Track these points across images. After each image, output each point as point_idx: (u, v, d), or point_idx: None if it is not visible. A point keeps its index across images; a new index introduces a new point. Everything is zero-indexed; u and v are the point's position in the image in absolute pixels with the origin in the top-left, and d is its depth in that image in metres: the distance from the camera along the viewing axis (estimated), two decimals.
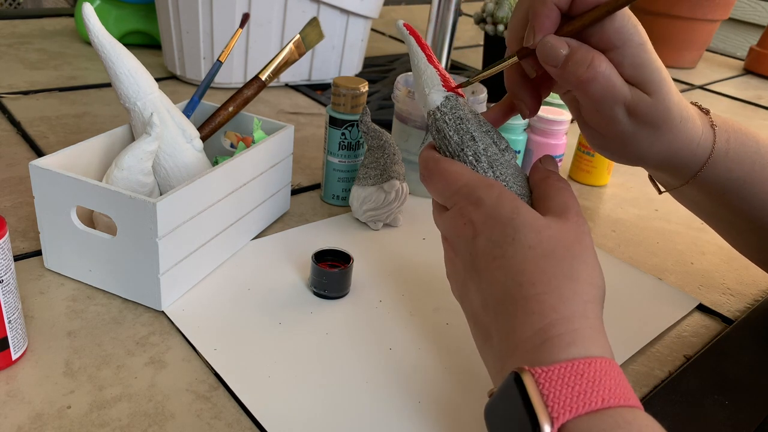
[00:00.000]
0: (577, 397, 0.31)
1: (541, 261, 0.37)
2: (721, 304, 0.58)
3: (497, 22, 0.95)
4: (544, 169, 0.42)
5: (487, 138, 0.42)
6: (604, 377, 0.32)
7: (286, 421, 0.40)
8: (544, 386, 0.31)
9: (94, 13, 0.48)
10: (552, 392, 0.31)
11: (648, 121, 0.41)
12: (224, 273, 0.54)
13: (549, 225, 0.38)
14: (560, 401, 0.30)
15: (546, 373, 0.32)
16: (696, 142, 0.44)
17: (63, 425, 0.38)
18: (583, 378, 0.31)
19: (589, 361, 0.32)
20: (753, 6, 2.16)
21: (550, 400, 0.31)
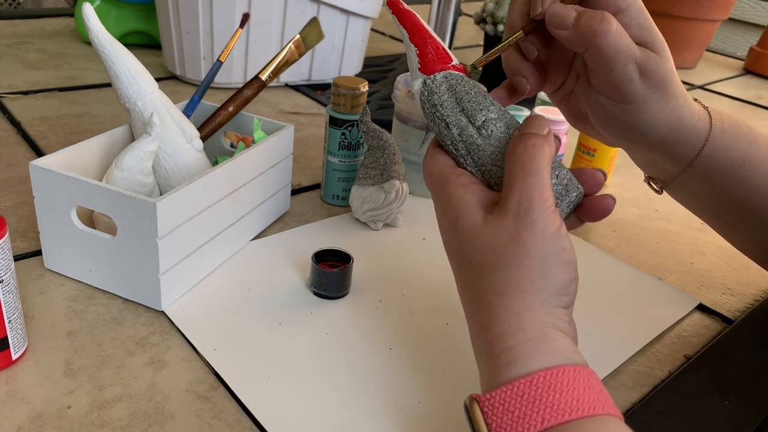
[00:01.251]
0: (516, 422, 0.31)
1: (476, 276, 0.37)
2: (721, 304, 0.58)
3: (497, 22, 0.95)
4: (515, 138, 0.39)
5: (462, 119, 0.40)
6: (545, 394, 0.31)
7: (286, 421, 0.40)
8: (488, 415, 0.32)
9: (94, 13, 0.48)
10: (495, 421, 0.31)
11: (657, 81, 0.42)
12: (224, 273, 0.54)
13: (482, 231, 0.37)
14: (503, 429, 0.31)
15: (489, 401, 0.32)
16: (696, 116, 0.45)
17: (63, 425, 0.38)
18: (521, 400, 0.31)
19: (529, 380, 0.32)
20: (753, 6, 2.16)
21: (493, 429, 0.31)
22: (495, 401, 0.32)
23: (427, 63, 0.42)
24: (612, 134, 0.46)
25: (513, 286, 0.35)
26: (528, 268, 0.35)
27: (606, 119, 0.44)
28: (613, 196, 0.40)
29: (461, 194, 0.38)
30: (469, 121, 0.40)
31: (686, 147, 0.45)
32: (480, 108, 0.40)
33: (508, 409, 0.31)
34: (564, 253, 0.36)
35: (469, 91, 0.41)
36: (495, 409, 0.32)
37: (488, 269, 0.36)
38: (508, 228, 0.36)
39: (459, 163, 0.41)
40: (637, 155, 0.49)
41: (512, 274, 0.35)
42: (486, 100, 0.41)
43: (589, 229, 0.68)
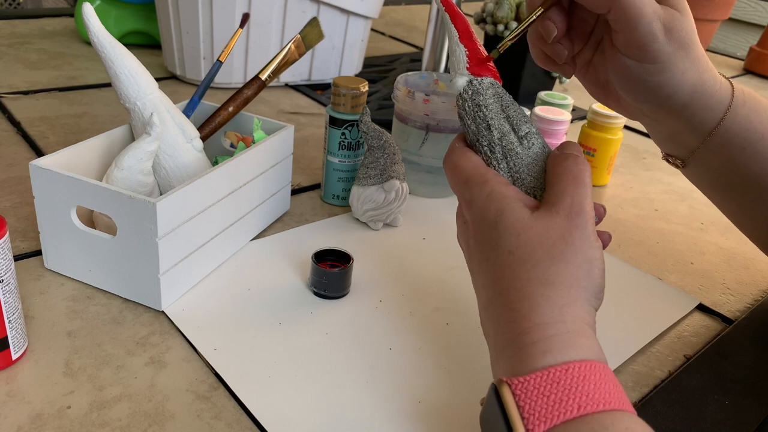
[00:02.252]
0: (552, 406, 0.31)
1: (518, 267, 0.37)
2: (721, 304, 0.58)
3: (497, 22, 0.95)
4: (558, 154, 0.41)
5: (505, 125, 0.42)
6: (581, 383, 0.32)
7: (286, 420, 0.40)
8: (520, 398, 0.32)
9: (94, 13, 0.48)
10: (528, 403, 0.31)
11: (681, 40, 0.42)
12: (224, 273, 0.54)
13: (531, 225, 0.37)
14: (536, 412, 0.31)
15: (522, 384, 0.32)
16: (719, 83, 0.45)
17: (63, 425, 0.38)
18: (558, 386, 0.32)
19: (566, 368, 0.32)
20: (753, 6, 2.16)
21: (526, 411, 0.31)
22: (529, 385, 0.32)
23: (476, 65, 0.43)
24: (636, 98, 0.46)
25: (560, 280, 0.36)
26: (576, 266, 0.36)
27: (630, 82, 0.44)
28: (609, 234, 0.41)
29: (505, 191, 0.39)
30: (512, 129, 0.42)
31: (709, 113, 0.46)
32: (525, 120, 0.42)
33: (543, 393, 0.31)
34: (601, 261, 0.38)
35: (513, 102, 0.43)
36: (529, 392, 0.32)
37: (534, 261, 0.37)
38: (559, 226, 0.37)
39: (489, 164, 0.42)
40: (658, 126, 0.49)
41: (560, 269, 0.36)
42: (526, 116, 0.43)
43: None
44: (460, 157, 0.42)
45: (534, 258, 0.37)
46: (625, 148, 0.91)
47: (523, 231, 0.37)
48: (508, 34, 0.45)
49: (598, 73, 0.48)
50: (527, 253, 0.37)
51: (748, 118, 0.46)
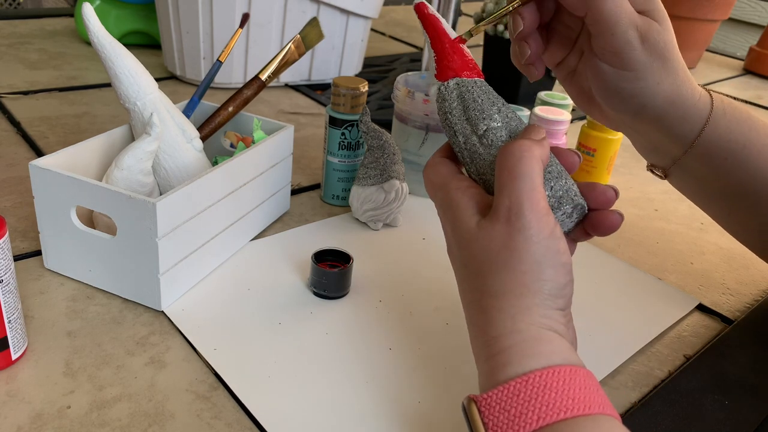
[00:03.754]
0: (512, 421, 0.31)
1: (472, 280, 0.37)
2: (721, 303, 0.58)
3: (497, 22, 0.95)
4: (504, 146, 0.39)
5: (467, 127, 0.41)
6: (541, 393, 0.32)
7: (286, 420, 0.40)
8: (485, 414, 0.32)
9: (94, 13, 0.48)
10: (491, 420, 0.32)
11: (658, 51, 0.42)
12: (224, 273, 0.54)
13: (476, 237, 0.37)
14: (499, 428, 0.31)
15: (486, 400, 0.32)
16: (698, 95, 0.46)
17: (63, 425, 0.38)
18: (518, 399, 0.32)
19: (525, 379, 0.32)
20: (753, 6, 2.16)
21: (489, 429, 0.32)
22: (491, 400, 0.32)
23: (442, 69, 0.43)
24: (613, 106, 0.46)
25: (507, 289, 0.35)
26: (521, 272, 0.35)
27: (607, 89, 0.44)
28: (621, 213, 0.41)
29: (459, 198, 0.39)
30: (473, 130, 0.41)
31: (687, 125, 0.46)
32: (483, 117, 0.41)
33: (504, 408, 0.32)
34: (558, 256, 0.36)
35: (477, 99, 0.41)
36: (492, 408, 0.32)
37: (483, 273, 0.36)
38: (500, 234, 0.36)
39: (467, 170, 0.41)
40: (639, 137, 0.49)
41: (505, 278, 0.36)
42: (492, 108, 0.41)
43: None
44: (431, 170, 0.42)
45: (482, 270, 0.36)
46: (625, 148, 0.91)
47: (470, 244, 0.37)
48: (483, 21, 0.45)
49: (581, 82, 0.48)
50: (476, 266, 0.37)
51: (728, 128, 0.46)
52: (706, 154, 0.47)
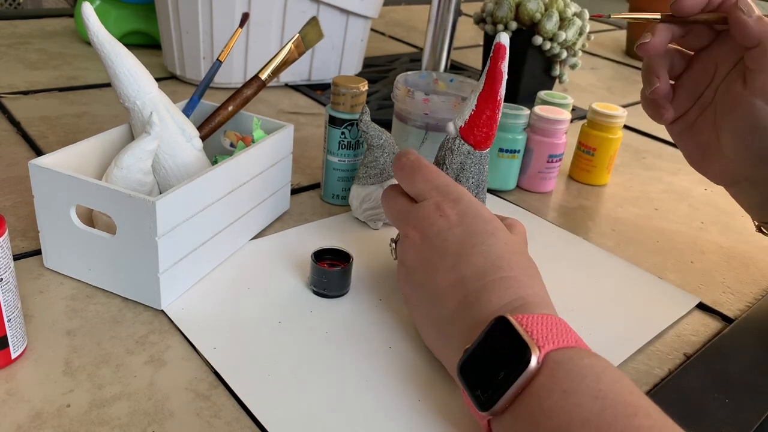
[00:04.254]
0: (556, 335, 0.35)
1: (514, 256, 0.43)
2: (721, 302, 0.58)
3: (497, 22, 0.95)
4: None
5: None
6: (571, 330, 0.37)
7: (286, 419, 0.40)
8: (527, 326, 0.35)
9: (94, 13, 0.48)
10: (535, 329, 0.35)
11: None
12: (224, 272, 0.54)
13: (517, 236, 0.45)
14: (543, 336, 0.35)
15: (527, 318, 0.36)
16: None
17: (62, 424, 0.38)
18: (558, 325, 0.36)
19: (558, 318, 0.37)
20: None
21: (534, 334, 0.35)
22: (533, 319, 0.36)
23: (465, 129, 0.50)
24: (751, 151, 0.46)
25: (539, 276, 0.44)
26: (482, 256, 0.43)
27: (753, 132, 0.44)
28: None
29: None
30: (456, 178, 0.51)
31: None
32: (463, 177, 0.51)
33: (546, 326, 0.35)
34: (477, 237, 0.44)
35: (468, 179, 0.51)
36: (534, 323, 0.35)
37: (524, 256, 0.44)
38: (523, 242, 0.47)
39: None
40: (755, 191, 0.49)
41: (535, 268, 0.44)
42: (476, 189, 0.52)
43: (589, 228, 0.68)
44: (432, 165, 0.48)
45: (523, 254, 0.45)
46: (625, 147, 0.91)
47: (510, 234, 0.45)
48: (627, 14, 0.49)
49: (700, 135, 0.48)
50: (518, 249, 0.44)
51: None
52: None
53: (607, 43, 1.55)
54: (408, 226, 0.46)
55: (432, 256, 0.43)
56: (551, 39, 0.91)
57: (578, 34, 0.93)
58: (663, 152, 0.92)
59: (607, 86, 1.19)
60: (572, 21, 0.91)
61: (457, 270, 0.42)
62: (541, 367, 0.34)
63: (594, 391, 0.32)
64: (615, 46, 1.52)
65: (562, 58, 0.94)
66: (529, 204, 0.72)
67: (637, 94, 1.15)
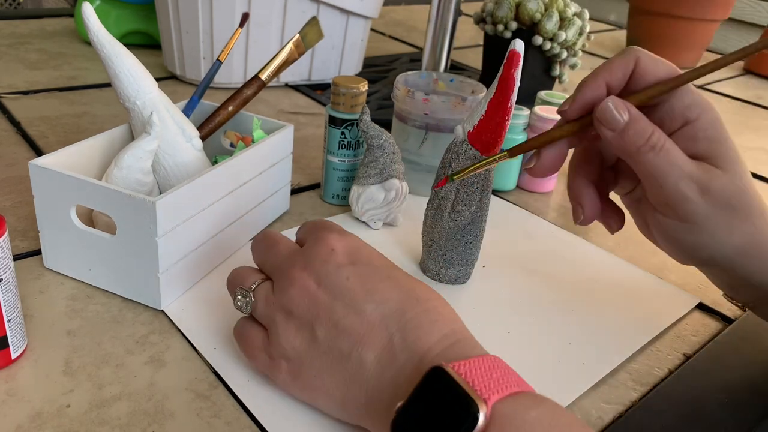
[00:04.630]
0: (498, 381, 0.31)
1: (421, 285, 0.39)
2: (721, 303, 0.58)
3: (497, 22, 0.95)
4: None
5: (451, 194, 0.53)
6: (510, 370, 0.32)
7: (286, 419, 0.40)
8: (467, 375, 0.31)
9: (94, 13, 0.48)
10: (476, 378, 0.31)
11: (723, 200, 0.39)
12: (224, 272, 0.53)
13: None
14: (486, 385, 0.30)
15: (465, 365, 0.32)
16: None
17: (62, 424, 0.38)
18: (496, 368, 0.32)
19: (495, 358, 0.33)
20: (753, 6, 2.16)
21: (476, 384, 0.30)
22: (471, 365, 0.32)
23: (473, 134, 0.49)
24: (676, 255, 0.43)
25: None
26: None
27: (666, 237, 0.42)
28: None
29: None
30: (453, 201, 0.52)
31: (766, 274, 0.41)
32: (465, 202, 0.51)
33: (486, 371, 0.31)
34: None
35: (474, 184, 0.50)
36: (473, 370, 0.31)
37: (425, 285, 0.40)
38: None
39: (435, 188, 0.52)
40: (711, 277, 0.46)
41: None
42: (472, 197, 0.51)
43: (589, 228, 0.68)
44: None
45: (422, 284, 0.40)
46: None
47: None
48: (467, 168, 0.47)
49: (646, 215, 0.45)
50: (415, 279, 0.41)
51: None
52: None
53: (607, 43, 1.55)
54: (296, 268, 0.39)
55: (335, 300, 0.37)
56: (551, 39, 0.91)
57: (578, 34, 0.93)
58: None
59: None
60: (572, 21, 0.91)
61: (370, 310, 0.37)
62: (489, 423, 0.29)
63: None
64: (615, 46, 1.52)
65: (562, 58, 0.94)
66: (529, 204, 0.72)
67: None
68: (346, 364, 0.37)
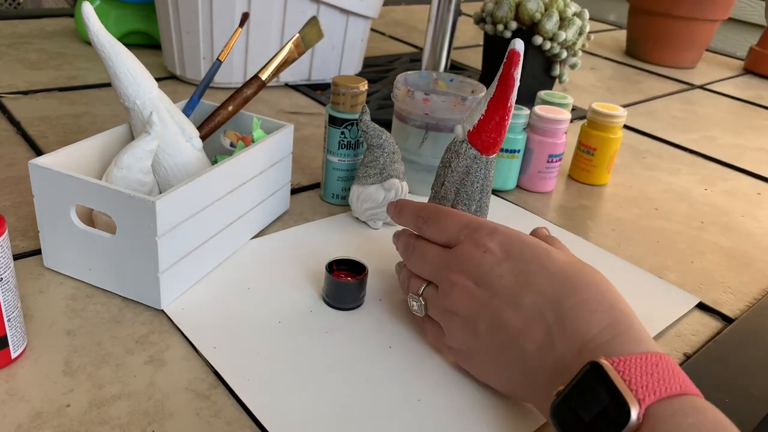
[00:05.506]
0: (657, 382, 0.31)
1: (582, 272, 0.40)
2: (721, 302, 0.58)
3: (497, 22, 0.95)
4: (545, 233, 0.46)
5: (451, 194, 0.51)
6: (674, 369, 0.33)
7: (286, 419, 0.40)
8: (625, 373, 0.32)
9: (94, 13, 0.48)
10: (634, 378, 0.32)
11: None
12: (224, 272, 0.54)
13: (568, 252, 0.43)
14: (643, 385, 0.31)
15: (624, 362, 0.32)
16: None
17: (62, 424, 0.38)
18: (658, 367, 0.32)
19: (659, 355, 0.33)
20: (753, 6, 2.16)
21: (632, 384, 0.31)
22: (631, 363, 0.32)
23: (473, 133, 0.49)
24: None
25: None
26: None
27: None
28: None
29: None
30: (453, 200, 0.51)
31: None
32: (465, 201, 0.50)
33: (646, 371, 0.32)
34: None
35: (474, 184, 0.50)
36: (632, 369, 0.32)
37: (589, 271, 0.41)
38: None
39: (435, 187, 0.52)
40: None
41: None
42: (471, 197, 0.50)
43: (589, 228, 0.68)
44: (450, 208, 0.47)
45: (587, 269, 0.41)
46: (625, 147, 0.91)
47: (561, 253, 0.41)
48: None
49: None
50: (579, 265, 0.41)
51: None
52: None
53: (607, 43, 1.55)
54: (452, 272, 0.43)
55: (493, 299, 0.40)
56: (551, 39, 0.91)
57: (578, 33, 0.93)
58: (663, 152, 0.92)
59: (607, 86, 1.19)
60: (572, 21, 0.91)
61: (527, 304, 0.39)
62: (642, 424, 0.30)
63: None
64: (615, 46, 1.52)
65: (562, 58, 0.94)
66: (529, 204, 0.72)
67: (638, 94, 1.15)
68: (509, 354, 0.40)
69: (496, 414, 0.42)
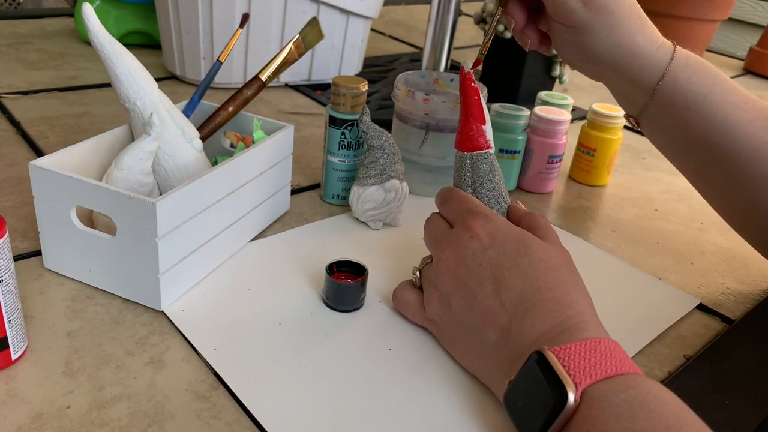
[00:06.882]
0: (593, 366, 0.34)
1: (552, 272, 0.42)
2: (721, 303, 0.58)
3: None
4: (524, 209, 0.49)
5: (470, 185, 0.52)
6: (612, 352, 0.36)
7: (286, 420, 0.40)
8: (564, 360, 0.35)
9: (94, 13, 0.48)
10: (572, 363, 0.35)
11: (601, 6, 0.49)
12: (224, 273, 0.54)
13: (549, 246, 0.44)
14: (580, 370, 0.34)
15: (564, 350, 0.35)
16: (656, 44, 0.51)
17: (63, 425, 0.38)
18: (596, 352, 0.35)
19: (599, 340, 0.36)
20: (753, 6, 2.16)
21: (571, 369, 0.34)
22: (570, 350, 0.35)
23: (459, 140, 0.52)
24: (571, 58, 0.53)
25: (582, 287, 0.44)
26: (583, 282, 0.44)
27: (561, 43, 0.53)
28: None
29: None
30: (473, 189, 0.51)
31: (647, 73, 0.51)
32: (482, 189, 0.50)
33: (584, 356, 0.35)
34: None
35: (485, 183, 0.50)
36: (571, 355, 0.35)
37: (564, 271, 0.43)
38: (564, 254, 0.44)
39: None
40: (611, 85, 0.55)
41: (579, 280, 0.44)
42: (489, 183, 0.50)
43: (589, 229, 0.68)
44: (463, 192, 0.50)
45: (562, 269, 0.43)
46: (625, 148, 0.91)
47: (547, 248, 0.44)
48: (483, 43, 0.55)
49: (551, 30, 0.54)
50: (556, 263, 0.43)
51: (690, 79, 0.50)
52: (668, 103, 0.50)
53: None
54: (441, 248, 0.46)
55: (469, 281, 0.43)
56: None
57: None
58: None
59: None
60: None
61: (496, 296, 0.42)
62: (579, 405, 0.33)
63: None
64: None
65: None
66: (529, 204, 0.72)
67: None
68: (473, 337, 0.43)
69: (496, 416, 0.42)
